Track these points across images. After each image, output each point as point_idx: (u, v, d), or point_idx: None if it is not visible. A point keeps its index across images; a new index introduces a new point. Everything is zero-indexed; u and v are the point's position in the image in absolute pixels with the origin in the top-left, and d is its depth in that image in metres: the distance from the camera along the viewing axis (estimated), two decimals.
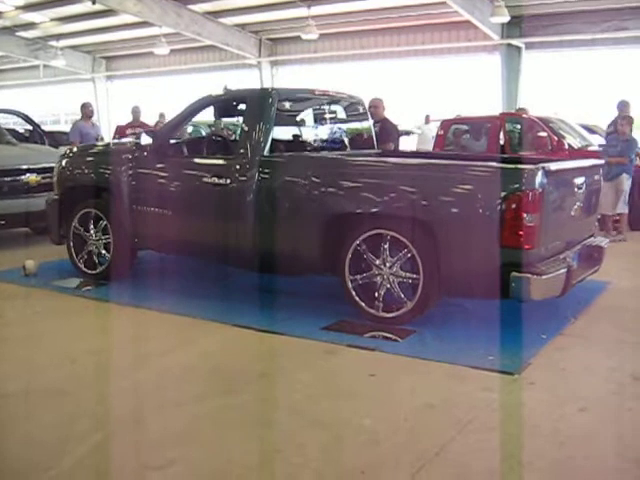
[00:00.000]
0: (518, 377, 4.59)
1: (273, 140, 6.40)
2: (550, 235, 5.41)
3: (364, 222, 5.69)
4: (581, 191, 5.95)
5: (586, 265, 6.07)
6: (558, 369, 4.77)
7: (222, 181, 6.34)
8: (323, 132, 7.39)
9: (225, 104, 7.50)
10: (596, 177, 6.42)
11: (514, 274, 5.07)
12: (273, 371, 4.80)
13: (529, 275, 5.08)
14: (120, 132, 13.77)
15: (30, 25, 24.10)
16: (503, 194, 5.08)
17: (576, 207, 5.89)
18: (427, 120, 18.83)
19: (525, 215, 5.04)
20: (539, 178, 5.12)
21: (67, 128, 14.51)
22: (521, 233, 5.06)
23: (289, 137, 7.04)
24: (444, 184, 5.44)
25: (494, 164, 5.90)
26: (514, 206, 5.04)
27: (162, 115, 16.30)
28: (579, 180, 5.92)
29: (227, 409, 4.14)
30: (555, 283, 5.29)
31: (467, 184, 5.34)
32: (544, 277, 5.14)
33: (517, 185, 5.09)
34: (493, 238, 5.11)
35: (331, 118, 7.51)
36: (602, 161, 6.62)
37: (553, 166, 5.44)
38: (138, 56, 27.76)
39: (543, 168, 5.19)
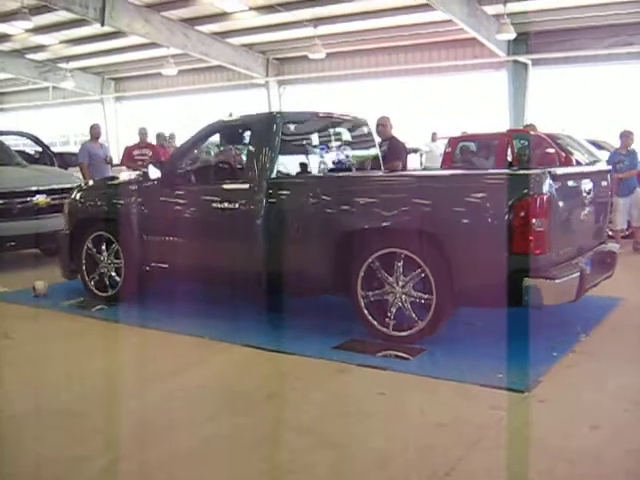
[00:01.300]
0: (528, 395, 4.56)
1: (279, 163, 6.43)
2: (560, 240, 5.40)
3: (376, 238, 5.69)
4: (589, 196, 5.94)
5: (599, 270, 6.04)
6: (568, 387, 4.74)
7: (231, 206, 6.38)
8: (328, 154, 7.42)
9: (231, 130, 7.55)
10: (604, 183, 6.41)
11: (526, 280, 5.06)
12: (284, 391, 4.79)
13: (541, 280, 5.07)
14: (127, 153, 13.84)
15: (39, 47, 24.31)
16: (511, 200, 5.09)
17: (585, 212, 5.90)
18: (434, 138, 18.84)
19: (534, 220, 5.03)
20: (546, 182, 5.13)
21: (76, 149, 14.58)
22: (531, 238, 5.05)
23: (295, 160, 7.07)
24: (452, 195, 5.44)
25: (501, 171, 5.91)
26: (523, 212, 5.04)
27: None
28: (587, 186, 5.92)
29: (237, 429, 4.14)
30: (568, 287, 5.27)
31: (475, 193, 5.35)
32: (557, 281, 5.12)
33: (525, 190, 5.09)
34: (503, 245, 5.10)
35: (336, 140, 7.53)
36: (609, 167, 6.60)
37: (559, 170, 5.45)
38: (146, 77, 27.92)
39: (549, 172, 5.21)
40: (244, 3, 18.91)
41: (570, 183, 5.75)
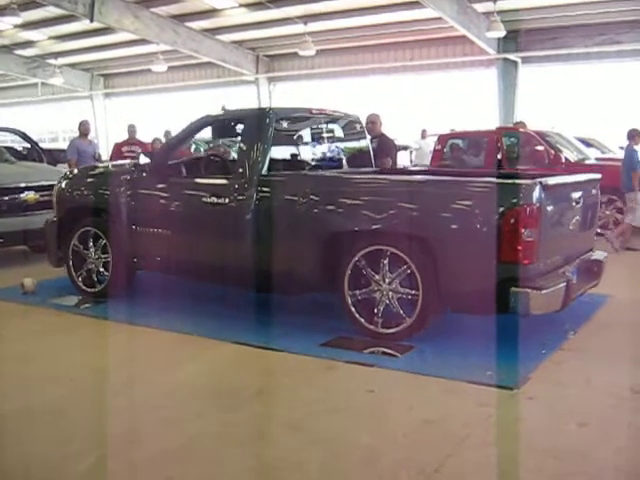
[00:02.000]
0: (517, 392, 4.58)
1: (271, 159, 6.41)
2: (549, 250, 5.41)
3: (364, 238, 5.69)
4: (579, 205, 5.95)
5: (585, 279, 6.07)
6: (557, 384, 4.76)
7: (221, 200, 6.35)
8: (320, 151, 7.42)
9: (223, 124, 7.53)
10: (593, 191, 6.43)
11: (513, 289, 5.07)
12: (272, 388, 4.80)
13: (528, 290, 5.08)
14: (116, 150, 13.81)
15: (28, 43, 24.22)
16: (501, 209, 5.10)
17: (574, 221, 5.90)
18: (424, 135, 18.88)
19: (523, 230, 5.04)
20: (536, 193, 5.14)
21: (65, 146, 14.53)
22: (520, 248, 5.06)
23: (287, 156, 7.06)
24: (442, 200, 5.45)
25: (492, 179, 5.92)
26: (512, 221, 5.05)
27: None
28: (576, 194, 5.92)
29: (226, 426, 4.13)
30: (554, 298, 5.29)
31: (465, 200, 5.35)
32: (543, 292, 5.14)
33: (515, 200, 5.10)
34: (492, 254, 5.11)
35: (328, 137, 7.53)
36: (599, 175, 6.61)
37: (551, 181, 5.45)
38: (136, 73, 27.86)
39: (540, 183, 5.21)
40: (234, 0, 18.89)
41: (560, 192, 5.75)
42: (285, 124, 6.90)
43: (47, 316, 6.78)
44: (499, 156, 12.11)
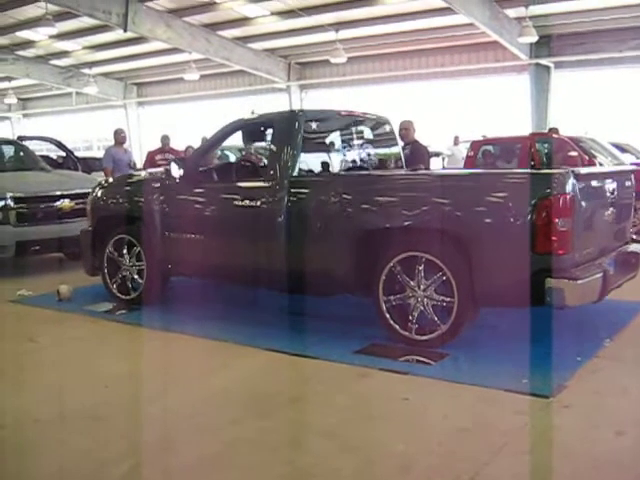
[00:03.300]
0: (552, 400, 4.53)
1: (301, 161, 6.44)
2: (583, 240, 5.35)
3: (398, 241, 5.68)
4: (613, 197, 5.89)
5: (623, 271, 5.96)
6: (593, 392, 4.70)
7: (253, 203, 6.38)
8: (350, 153, 7.41)
9: (253, 128, 7.56)
10: (627, 183, 6.34)
11: (549, 280, 5.02)
12: (307, 395, 4.79)
13: (564, 280, 5.03)
14: (150, 158, 13.93)
15: (63, 53, 24.58)
16: (534, 200, 5.06)
17: (609, 212, 5.85)
18: (456, 141, 18.82)
19: (557, 220, 5.00)
20: (570, 182, 5.10)
21: (99, 154, 14.70)
22: (554, 238, 5.02)
23: (317, 158, 7.08)
24: (475, 193, 5.42)
25: (525, 170, 5.87)
26: (546, 211, 5.01)
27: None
28: (610, 186, 5.88)
29: (261, 433, 4.14)
30: (591, 288, 5.22)
31: (498, 192, 5.33)
32: (579, 282, 5.07)
33: (548, 190, 5.06)
34: (526, 245, 5.07)
35: (358, 139, 7.52)
36: (632, 167, 6.54)
37: (583, 170, 5.42)
38: (169, 82, 28.12)
39: (573, 172, 5.19)
40: (265, 8, 18.98)
41: (593, 183, 5.72)
42: (315, 126, 6.91)
43: (82, 323, 6.85)
44: (532, 162, 12.01)
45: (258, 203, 6.36)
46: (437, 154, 17.55)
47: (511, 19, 18.10)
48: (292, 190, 6.23)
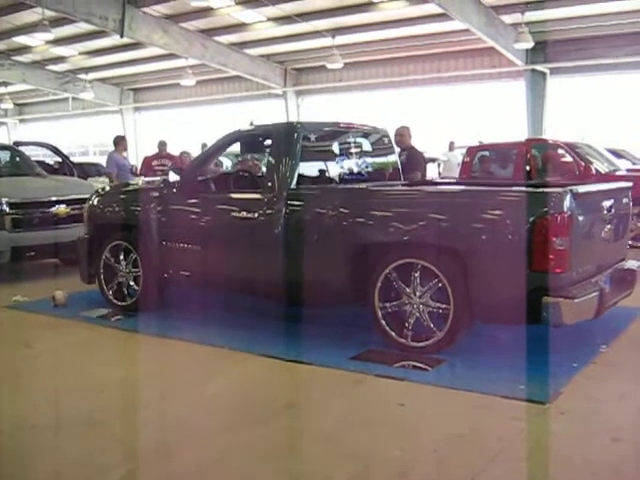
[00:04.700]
0: (549, 406, 4.53)
1: (299, 173, 6.43)
2: (581, 258, 5.35)
3: (394, 251, 5.68)
4: (610, 214, 5.90)
5: (619, 288, 5.98)
6: (590, 398, 4.70)
7: (250, 215, 6.39)
8: (349, 165, 7.40)
9: (252, 139, 7.57)
10: (624, 200, 6.36)
11: (546, 298, 5.03)
12: (302, 401, 4.78)
13: (561, 299, 5.03)
14: (147, 163, 13.97)
15: (60, 59, 24.60)
16: (532, 218, 5.06)
17: (606, 230, 5.85)
18: (451, 147, 18.83)
19: (555, 239, 5.00)
20: (567, 201, 5.10)
21: (96, 160, 14.72)
22: (552, 257, 5.02)
23: (315, 170, 7.07)
24: (472, 210, 5.42)
25: (522, 189, 5.88)
26: (543, 230, 5.02)
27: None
28: (608, 203, 5.87)
29: (257, 440, 4.13)
30: (587, 306, 5.23)
31: (496, 209, 5.33)
32: (576, 301, 5.09)
33: (546, 209, 5.07)
34: (523, 263, 5.07)
35: (356, 151, 7.52)
36: (629, 184, 6.54)
37: (581, 189, 5.42)
38: (165, 87, 28.15)
39: (571, 191, 5.18)
40: (262, 14, 19.01)
41: (591, 201, 5.70)
42: (313, 138, 6.91)
43: (78, 329, 6.83)
44: (528, 168, 12.02)
45: (256, 215, 6.36)
46: (432, 160, 17.55)
47: (507, 25, 18.15)
48: (290, 202, 6.23)
